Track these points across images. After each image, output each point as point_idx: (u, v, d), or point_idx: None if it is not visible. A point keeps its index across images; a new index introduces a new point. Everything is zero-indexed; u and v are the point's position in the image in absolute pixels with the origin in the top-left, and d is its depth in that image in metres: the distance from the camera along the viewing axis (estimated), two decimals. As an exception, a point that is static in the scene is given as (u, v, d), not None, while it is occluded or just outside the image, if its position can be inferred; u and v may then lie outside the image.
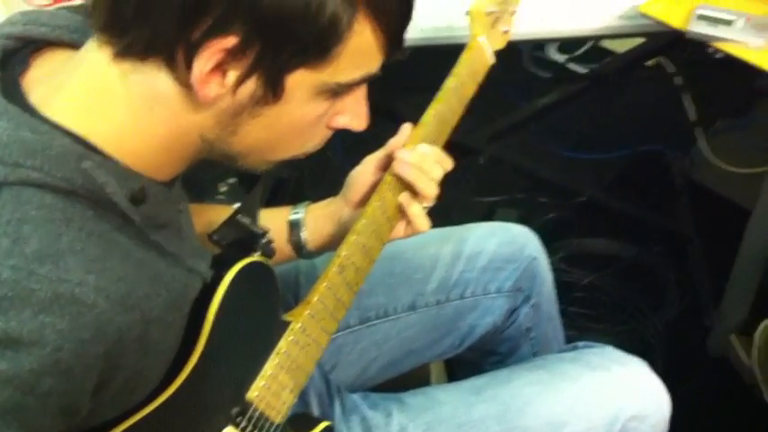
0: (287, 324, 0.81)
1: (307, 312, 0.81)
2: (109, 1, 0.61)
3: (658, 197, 1.97)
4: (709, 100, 2.02)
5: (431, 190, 0.89)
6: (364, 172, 0.93)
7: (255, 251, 0.78)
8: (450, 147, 0.94)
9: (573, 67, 2.23)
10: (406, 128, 0.92)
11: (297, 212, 0.96)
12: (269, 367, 0.78)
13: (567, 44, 2.26)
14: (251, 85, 0.63)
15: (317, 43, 0.62)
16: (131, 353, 0.63)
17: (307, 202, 0.97)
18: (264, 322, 0.80)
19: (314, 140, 0.73)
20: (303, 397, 0.98)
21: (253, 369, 0.78)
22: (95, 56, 0.63)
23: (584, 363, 1.03)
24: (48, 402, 0.57)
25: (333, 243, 0.93)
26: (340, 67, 0.64)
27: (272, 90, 0.64)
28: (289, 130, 0.69)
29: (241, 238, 0.79)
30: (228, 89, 0.62)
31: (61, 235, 0.58)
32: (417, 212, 0.89)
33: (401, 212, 0.90)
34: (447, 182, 0.98)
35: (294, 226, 0.95)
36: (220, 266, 0.74)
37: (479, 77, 0.96)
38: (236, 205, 0.86)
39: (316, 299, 0.82)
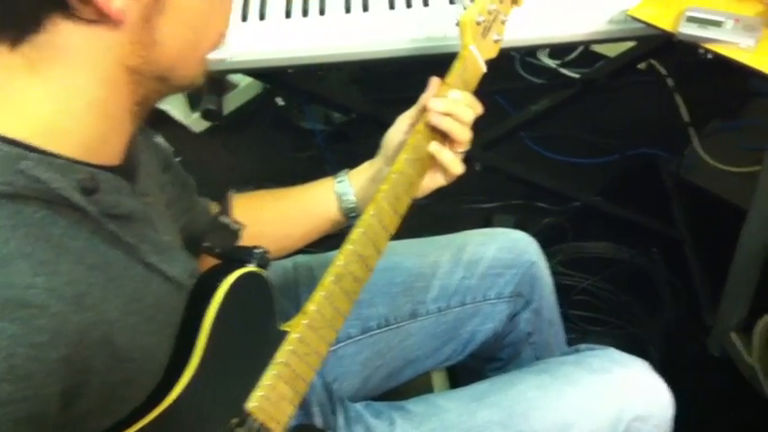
0: (285, 334, 0.81)
1: (304, 322, 0.81)
2: None
3: (653, 199, 1.97)
4: (702, 101, 2.03)
5: (465, 135, 0.92)
6: (398, 131, 0.97)
7: (251, 262, 0.79)
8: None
9: (565, 72, 2.24)
10: (435, 80, 0.94)
11: (341, 181, 0.99)
12: (267, 378, 0.78)
13: (559, 50, 2.27)
14: None
15: None
16: (98, 358, 0.61)
17: (345, 170, 1.00)
18: (262, 333, 0.80)
19: (225, 13, 0.72)
20: (306, 407, 0.98)
21: (251, 380, 0.78)
22: None
23: (586, 365, 1.03)
24: (7, 411, 0.55)
25: None
26: None
27: None
28: (199, 12, 0.68)
29: (238, 249, 0.80)
30: None
31: (8, 239, 0.57)
32: (450, 158, 0.92)
33: (433, 161, 0.92)
34: (443, 191, 1.00)
35: (342, 194, 0.98)
36: (215, 277, 0.74)
37: (471, 86, 0.97)
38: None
39: (313, 308, 0.82)
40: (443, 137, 0.92)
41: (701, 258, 1.80)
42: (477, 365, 1.20)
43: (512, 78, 2.30)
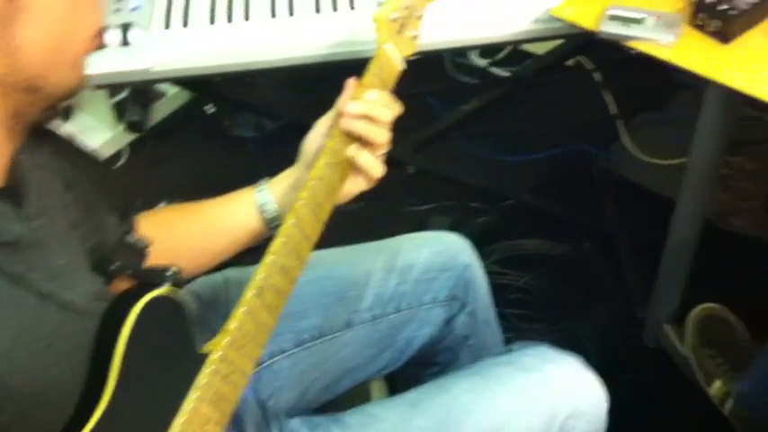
0: (206, 355, 0.79)
1: (226, 341, 0.79)
2: None
3: (585, 194, 2.00)
4: (629, 95, 2.06)
5: (382, 137, 0.89)
6: (316, 135, 0.94)
7: (163, 283, 0.76)
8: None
9: (495, 70, 2.25)
10: (350, 83, 0.92)
11: (261, 190, 0.96)
12: (189, 401, 0.76)
13: (488, 49, 2.28)
14: None
15: None
16: None
17: (266, 179, 0.97)
18: (180, 357, 0.77)
19: (95, 12, 0.69)
20: (240, 426, 0.95)
21: (173, 406, 0.75)
22: None
23: (518, 365, 1.03)
24: None
25: None
26: None
27: None
28: (63, 12, 0.65)
29: (150, 270, 0.77)
30: None
31: None
32: (369, 161, 0.90)
33: (353, 165, 0.90)
34: (377, 194, 0.98)
35: (262, 204, 0.95)
36: (126, 302, 0.71)
37: (389, 85, 0.95)
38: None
39: (234, 326, 0.80)
40: (362, 139, 0.90)
41: (634, 251, 1.83)
42: (415, 372, 1.18)
43: (442, 79, 2.30)
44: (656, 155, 1.96)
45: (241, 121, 2.18)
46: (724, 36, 1.15)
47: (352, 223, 1.40)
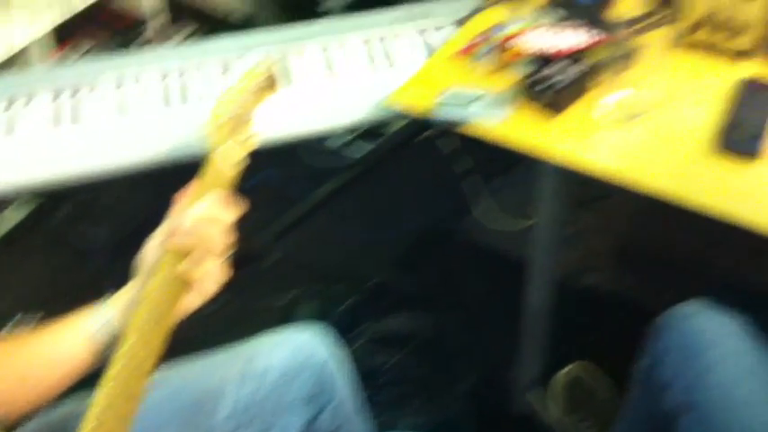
0: None
1: None
2: None
3: (448, 264, 2.03)
4: (488, 160, 2.12)
5: (221, 243, 0.86)
6: (152, 247, 0.89)
7: None
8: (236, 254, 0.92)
9: (350, 150, 2.27)
10: (179, 197, 0.89)
11: (103, 307, 0.90)
12: None
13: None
14: None
15: None
16: None
17: (106, 296, 0.92)
18: None
19: None
20: None
21: None
22: None
23: None
24: None
25: None
26: None
27: None
28: None
29: None
30: None
31: None
32: (204, 274, 0.86)
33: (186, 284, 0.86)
34: (238, 289, 0.95)
35: (103, 323, 0.89)
36: None
37: (226, 186, 0.93)
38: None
39: None
40: (201, 248, 0.86)
41: (497, 318, 1.86)
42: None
43: (296, 165, 2.30)
44: (510, 218, 2.02)
45: (93, 226, 2.11)
46: (555, 107, 1.20)
47: (213, 324, 1.37)
